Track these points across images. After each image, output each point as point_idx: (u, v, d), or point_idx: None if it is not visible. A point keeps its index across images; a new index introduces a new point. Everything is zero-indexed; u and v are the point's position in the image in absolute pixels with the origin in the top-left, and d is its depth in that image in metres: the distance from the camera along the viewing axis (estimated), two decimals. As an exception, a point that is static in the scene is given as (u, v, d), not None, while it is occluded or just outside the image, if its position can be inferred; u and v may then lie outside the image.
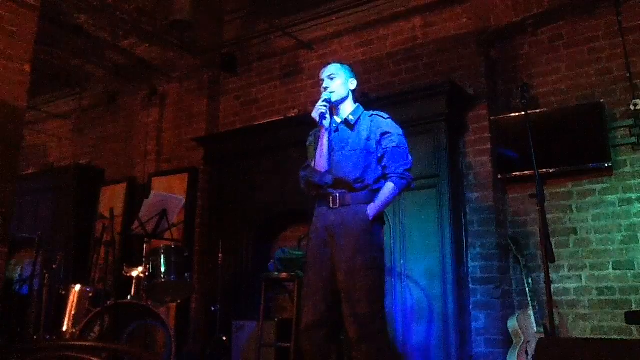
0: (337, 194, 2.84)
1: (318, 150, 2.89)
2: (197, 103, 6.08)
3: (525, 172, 4.21)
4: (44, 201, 6.82)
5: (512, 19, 4.55)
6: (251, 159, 5.45)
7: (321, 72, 3.02)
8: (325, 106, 2.85)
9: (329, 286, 2.77)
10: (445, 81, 4.49)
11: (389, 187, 2.83)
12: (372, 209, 2.80)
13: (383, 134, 2.90)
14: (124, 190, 6.35)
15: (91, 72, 6.56)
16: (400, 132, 2.95)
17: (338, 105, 2.99)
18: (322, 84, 2.98)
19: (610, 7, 4.29)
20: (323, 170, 2.87)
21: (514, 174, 4.34)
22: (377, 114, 2.98)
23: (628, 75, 4.15)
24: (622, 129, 4.14)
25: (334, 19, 5.38)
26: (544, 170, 4.05)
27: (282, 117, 5.39)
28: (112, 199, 6.31)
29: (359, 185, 2.83)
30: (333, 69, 3.00)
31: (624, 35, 4.20)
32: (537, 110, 4.35)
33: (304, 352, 2.79)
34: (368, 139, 2.89)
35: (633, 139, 4.08)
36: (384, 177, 2.88)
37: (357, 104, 3.03)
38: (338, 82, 2.96)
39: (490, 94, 4.58)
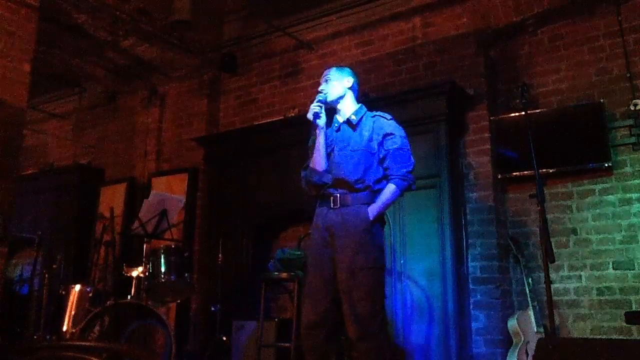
0: (338, 194, 2.85)
1: (315, 149, 2.91)
2: (197, 103, 6.08)
3: (525, 172, 4.22)
4: (44, 201, 6.82)
5: (512, 19, 4.55)
6: (251, 159, 5.45)
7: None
8: (319, 106, 2.88)
9: (330, 286, 2.78)
10: (445, 81, 4.49)
11: (390, 188, 2.84)
12: (373, 210, 2.81)
13: (386, 135, 2.91)
14: (124, 190, 6.35)
15: (91, 72, 6.56)
16: (403, 133, 2.96)
17: (336, 105, 3.01)
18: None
19: (610, 7, 4.29)
20: (321, 169, 2.89)
21: (514, 174, 4.34)
22: (380, 115, 2.99)
23: (628, 75, 4.15)
24: (622, 129, 4.14)
25: (334, 19, 5.38)
26: (544, 170, 4.05)
27: (282, 117, 5.39)
28: (112, 199, 6.31)
29: (360, 185, 2.84)
30: (329, 72, 3.06)
31: (624, 35, 4.20)
32: (537, 110, 4.35)
33: (305, 351, 2.81)
34: (370, 140, 2.90)
35: (633, 139, 4.08)
36: (385, 178, 2.89)
37: (360, 104, 3.05)
38: (333, 82, 3.00)
39: (490, 94, 4.58)
